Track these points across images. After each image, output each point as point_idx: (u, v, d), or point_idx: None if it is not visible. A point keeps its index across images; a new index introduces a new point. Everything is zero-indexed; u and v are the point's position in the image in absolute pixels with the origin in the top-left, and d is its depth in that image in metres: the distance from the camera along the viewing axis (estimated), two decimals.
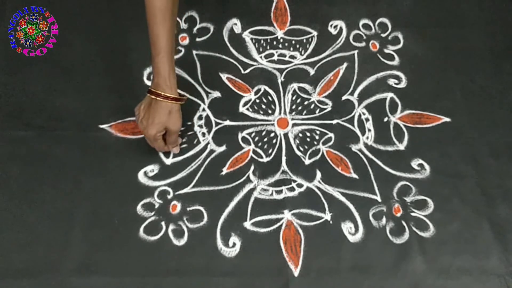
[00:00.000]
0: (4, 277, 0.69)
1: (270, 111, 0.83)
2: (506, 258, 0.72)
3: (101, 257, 0.71)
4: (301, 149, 0.80)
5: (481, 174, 0.79)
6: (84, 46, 0.87)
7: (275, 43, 0.89)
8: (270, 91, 0.85)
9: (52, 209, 0.74)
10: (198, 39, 0.89)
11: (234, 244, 0.73)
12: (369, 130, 0.82)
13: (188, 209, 0.75)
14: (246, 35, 0.89)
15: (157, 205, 0.75)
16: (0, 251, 0.71)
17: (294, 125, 0.82)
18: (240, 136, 0.81)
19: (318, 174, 0.78)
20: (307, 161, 0.79)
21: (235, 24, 0.90)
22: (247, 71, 0.86)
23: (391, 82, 0.86)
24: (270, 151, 0.80)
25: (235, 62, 0.87)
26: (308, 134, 0.82)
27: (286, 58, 0.88)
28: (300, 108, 0.84)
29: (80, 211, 0.74)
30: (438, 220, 0.75)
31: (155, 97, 0.70)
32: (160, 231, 0.73)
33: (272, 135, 0.81)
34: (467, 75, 0.87)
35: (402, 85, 0.86)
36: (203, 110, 0.83)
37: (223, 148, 0.80)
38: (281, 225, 0.74)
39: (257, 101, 0.84)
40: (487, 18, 0.92)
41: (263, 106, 0.84)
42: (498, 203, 0.77)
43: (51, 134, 0.79)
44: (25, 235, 0.72)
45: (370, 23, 0.92)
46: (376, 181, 0.78)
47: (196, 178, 0.77)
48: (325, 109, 0.84)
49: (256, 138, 0.81)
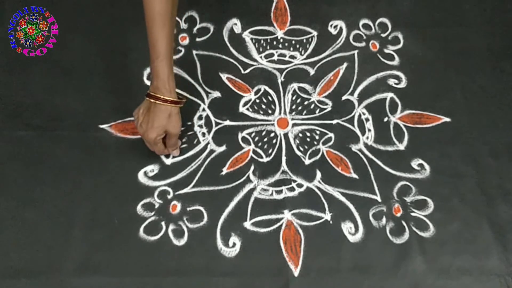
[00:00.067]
0: (4, 277, 0.69)
1: (270, 111, 0.83)
2: (506, 258, 0.72)
3: (101, 257, 0.71)
4: (301, 149, 0.80)
5: (481, 174, 0.79)
6: (84, 46, 0.87)
7: (275, 43, 0.89)
8: (270, 91, 0.85)
9: (52, 209, 0.74)
10: (198, 39, 0.89)
11: (234, 244, 0.73)
12: (369, 130, 0.82)
13: (188, 209, 0.75)
14: (246, 35, 0.89)
15: (157, 205, 0.75)
16: (0, 251, 0.71)
17: (294, 125, 0.82)
18: (240, 136, 0.81)
19: (318, 174, 0.78)
20: (307, 161, 0.79)
21: (235, 24, 0.90)
22: (247, 71, 0.86)
23: (391, 82, 0.86)
24: (270, 151, 0.80)
25: (235, 62, 0.87)
26: (308, 134, 0.82)
27: (286, 58, 0.88)
28: (300, 108, 0.84)
29: (80, 211, 0.74)
30: (438, 220, 0.75)
31: (154, 101, 0.70)
32: (160, 231, 0.73)
33: (272, 135, 0.81)
34: (467, 75, 0.87)
35: (402, 85, 0.86)
36: (203, 110, 0.83)
37: (223, 148, 0.80)
38: (281, 225, 0.74)
39: (257, 101, 0.84)
40: (487, 18, 0.92)
41: (263, 106, 0.84)
42: (498, 203, 0.77)
43: (51, 134, 0.79)
44: (25, 235, 0.72)
45: (370, 23, 0.92)
46: (376, 181, 0.78)
47: (196, 178, 0.77)
48: (325, 109, 0.84)
49: (256, 138, 0.81)
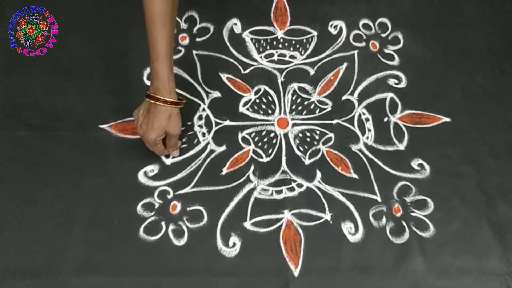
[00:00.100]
0: (4, 277, 0.69)
1: (270, 111, 0.83)
2: (506, 258, 0.72)
3: (101, 257, 0.71)
4: (301, 149, 0.80)
5: (481, 174, 0.79)
6: (84, 46, 0.87)
7: (275, 43, 0.89)
8: (270, 91, 0.85)
9: (52, 209, 0.74)
10: (198, 39, 0.89)
11: (234, 244, 0.73)
12: (369, 130, 0.82)
13: (188, 209, 0.75)
14: (246, 35, 0.89)
15: (157, 205, 0.75)
16: (0, 251, 0.71)
17: (294, 125, 0.82)
18: (240, 136, 0.81)
19: (318, 174, 0.78)
20: (307, 161, 0.79)
21: (235, 24, 0.90)
22: (247, 71, 0.86)
23: (391, 82, 0.86)
24: (270, 151, 0.80)
25: (235, 62, 0.87)
26: (308, 134, 0.82)
27: (286, 58, 0.88)
28: (300, 108, 0.84)
29: (80, 211, 0.74)
30: (438, 220, 0.75)
31: (154, 102, 0.70)
32: (160, 231, 0.73)
33: (272, 135, 0.81)
34: (467, 75, 0.87)
35: (402, 85, 0.86)
36: (203, 110, 0.83)
37: (223, 148, 0.80)
38: (281, 225, 0.74)
39: (257, 101, 0.84)
40: (487, 18, 0.92)
41: (263, 106, 0.84)
42: (498, 203, 0.76)
43: (51, 134, 0.79)
44: (25, 235, 0.72)
45: (370, 23, 0.92)
46: (376, 181, 0.78)
47: (196, 178, 0.77)
48: (325, 109, 0.84)
49: (256, 138, 0.81)
